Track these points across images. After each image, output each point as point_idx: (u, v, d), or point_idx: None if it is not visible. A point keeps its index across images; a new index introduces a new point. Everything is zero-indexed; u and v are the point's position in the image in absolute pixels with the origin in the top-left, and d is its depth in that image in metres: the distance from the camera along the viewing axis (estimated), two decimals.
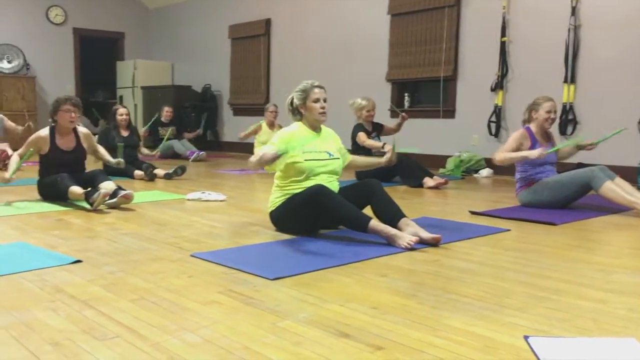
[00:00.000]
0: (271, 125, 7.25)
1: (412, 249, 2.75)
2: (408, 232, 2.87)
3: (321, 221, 3.10)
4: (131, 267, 2.44)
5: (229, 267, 2.44)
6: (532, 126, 4.21)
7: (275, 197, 3.27)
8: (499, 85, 6.59)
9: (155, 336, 1.66)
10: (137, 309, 1.90)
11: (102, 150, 4.75)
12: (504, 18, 6.51)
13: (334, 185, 3.22)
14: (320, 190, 2.97)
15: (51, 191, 4.19)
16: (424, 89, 7.61)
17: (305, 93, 3.23)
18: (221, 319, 1.82)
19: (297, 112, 3.29)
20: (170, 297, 2.03)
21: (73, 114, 4.28)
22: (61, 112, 4.25)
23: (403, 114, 5.78)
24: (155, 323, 1.77)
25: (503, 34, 6.52)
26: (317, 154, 3.22)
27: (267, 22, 9.22)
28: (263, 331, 1.71)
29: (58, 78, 10.54)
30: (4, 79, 9.82)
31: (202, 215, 3.78)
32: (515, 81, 6.51)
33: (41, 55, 10.38)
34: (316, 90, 3.22)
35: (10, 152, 6.68)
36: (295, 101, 3.27)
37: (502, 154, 4.15)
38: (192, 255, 2.64)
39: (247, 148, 8.02)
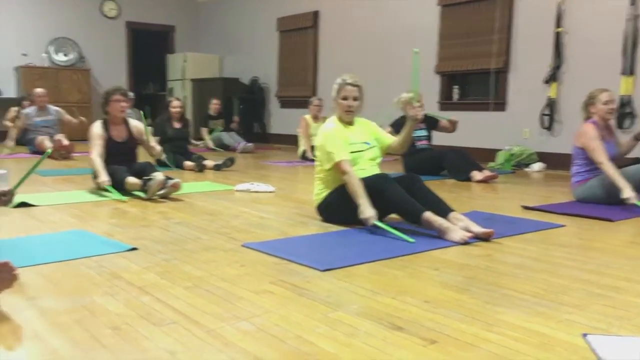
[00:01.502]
0: (315, 119, 7.26)
1: (464, 243, 2.71)
2: (459, 226, 2.83)
3: (376, 209, 3.09)
4: (185, 255, 2.49)
5: (279, 257, 2.46)
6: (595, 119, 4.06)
7: (319, 190, 3.29)
8: (552, 78, 6.41)
9: (210, 323, 1.69)
10: (192, 296, 1.94)
11: (152, 141, 4.79)
12: (559, 8, 6.32)
13: (375, 170, 3.25)
14: (380, 177, 2.99)
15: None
16: (473, 81, 7.48)
17: (338, 88, 3.24)
18: (273, 308, 1.84)
19: (334, 103, 3.31)
20: (224, 285, 2.07)
21: (123, 104, 4.41)
22: (112, 102, 4.38)
23: (451, 118, 5.67)
24: (210, 310, 1.80)
25: (558, 25, 6.34)
26: (358, 146, 3.24)
27: (315, 15, 9.22)
28: (315, 321, 1.72)
29: (111, 71, 10.82)
30: (61, 71, 10.14)
31: (251, 206, 3.82)
32: (570, 73, 6.32)
33: (95, 49, 10.67)
34: (347, 87, 3.20)
35: (65, 142, 6.93)
36: (332, 93, 3.29)
37: (607, 164, 3.84)
38: (243, 245, 2.68)
39: (293, 140, 8.06)
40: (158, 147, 4.71)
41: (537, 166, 6.27)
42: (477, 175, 5.13)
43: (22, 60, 9.91)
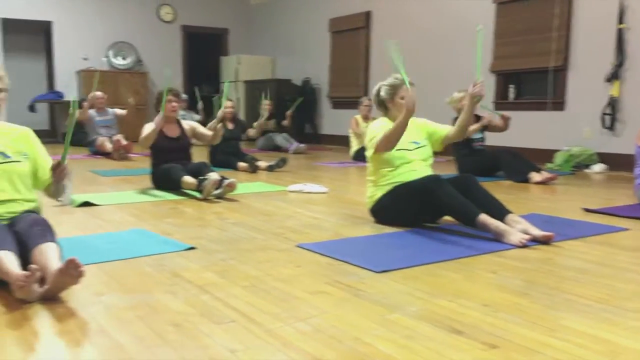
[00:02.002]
0: (366, 119, 7.24)
1: (522, 246, 2.65)
2: (517, 229, 2.77)
3: (427, 212, 3.07)
4: (241, 255, 2.53)
5: (334, 258, 2.46)
6: None
7: (372, 192, 3.28)
8: (614, 76, 6.18)
9: (268, 323, 1.71)
10: (250, 295, 1.97)
11: (202, 129, 4.87)
12: (621, 4, 6.09)
13: (427, 171, 3.22)
14: (432, 178, 2.96)
15: (164, 181, 4.41)
16: (530, 80, 7.29)
17: (394, 89, 3.23)
18: (330, 309, 1.84)
19: (382, 105, 3.29)
20: (280, 285, 2.09)
21: (174, 104, 4.53)
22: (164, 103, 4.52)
23: (503, 114, 5.54)
24: (268, 310, 1.82)
25: (620, 21, 6.11)
26: (406, 144, 3.21)
27: (367, 15, 9.20)
28: (372, 323, 1.72)
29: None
30: (119, 74, 10.46)
31: (304, 206, 3.84)
32: (633, 71, 6.08)
33: (152, 52, 10.96)
34: (405, 87, 3.17)
35: (124, 142, 7.14)
36: (383, 94, 3.26)
37: None
38: (297, 246, 2.69)
39: (344, 141, 8.06)
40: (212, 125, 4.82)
41: (598, 167, 6.07)
42: (535, 176, 5.00)
43: (83, 64, 10.28)
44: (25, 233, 2.13)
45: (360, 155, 6.85)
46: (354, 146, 7.21)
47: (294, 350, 1.52)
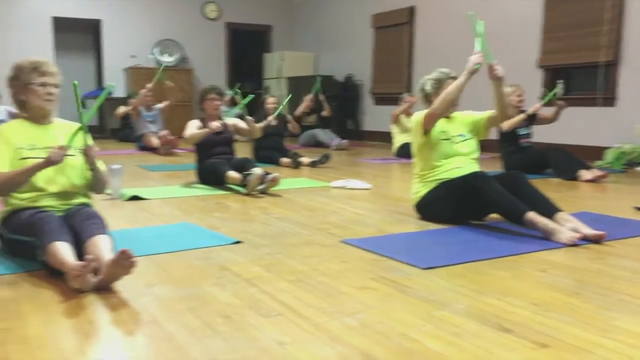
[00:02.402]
0: (407, 115, 7.19)
1: (572, 245, 2.59)
2: (567, 228, 2.71)
3: (473, 209, 3.03)
4: (286, 249, 2.55)
5: (379, 254, 2.46)
6: None
7: (417, 188, 3.27)
8: None
9: (315, 317, 1.73)
10: (296, 289, 1.99)
11: (243, 124, 4.92)
12: None
13: (473, 167, 3.18)
14: (478, 175, 2.93)
15: (209, 176, 4.49)
16: (579, 75, 7.10)
17: (439, 83, 3.22)
18: (376, 304, 1.85)
19: (427, 99, 3.27)
20: (326, 280, 2.10)
21: (217, 102, 4.63)
22: (207, 100, 4.64)
23: (560, 102, 5.43)
24: (314, 304, 1.83)
25: None
26: (454, 136, 3.21)
27: (411, 10, 9.12)
28: (419, 319, 1.71)
29: (211, 70, 11.24)
30: (165, 71, 10.63)
31: (347, 202, 3.85)
32: None
33: (197, 49, 11.14)
34: (450, 81, 3.17)
35: (170, 137, 7.28)
36: (428, 88, 3.25)
37: None
38: (342, 241, 2.70)
39: (386, 137, 8.02)
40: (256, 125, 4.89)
41: None
42: (585, 174, 4.87)
43: (131, 61, 10.52)
44: (80, 225, 2.21)
45: (403, 152, 6.82)
46: (397, 142, 7.17)
47: (341, 344, 1.53)
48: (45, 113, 2.45)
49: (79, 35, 11.16)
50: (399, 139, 7.15)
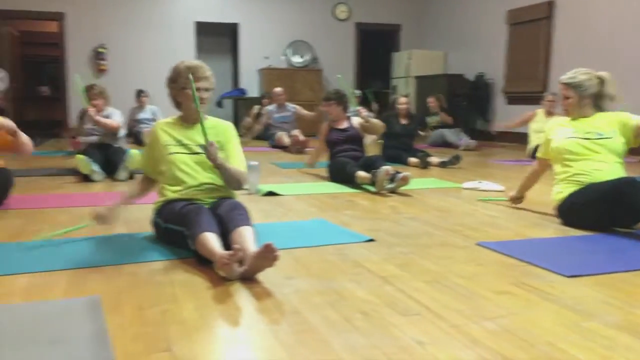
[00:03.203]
0: (549, 114, 6.84)
1: None
2: None
3: (621, 217, 2.83)
4: (420, 249, 2.54)
5: (517, 259, 2.37)
6: None
7: (560, 189, 3.13)
8: None
9: (453, 319, 1.70)
10: (433, 290, 1.97)
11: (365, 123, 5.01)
12: None
13: (616, 169, 3.01)
14: (628, 180, 2.75)
15: (339, 174, 4.58)
16: None
17: (603, 84, 3.17)
18: (518, 310, 1.79)
19: (587, 98, 3.20)
20: (462, 282, 2.06)
21: (335, 107, 4.84)
22: (326, 106, 4.79)
23: None
24: (452, 306, 1.81)
25: None
26: (582, 133, 3.11)
27: (550, 5, 8.66)
28: (566, 329, 1.63)
29: (340, 70, 11.42)
30: (296, 72, 11.00)
31: (480, 204, 3.74)
32: None
33: (327, 49, 11.37)
34: (559, 85, 3.19)
35: (301, 137, 7.50)
36: (593, 89, 3.19)
37: None
38: (478, 244, 2.64)
39: (519, 138, 7.70)
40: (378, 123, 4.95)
41: None
42: None
43: (264, 62, 10.97)
44: (226, 216, 2.35)
45: None
46: (532, 143, 6.85)
47: (483, 348, 1.50)
48: (197, 114, 2.63)
49: (218, 39, 11.83)
50: (534, 139, 6.83)
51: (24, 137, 3.19)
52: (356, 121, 4.92)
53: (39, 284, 2.02)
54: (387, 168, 4.08)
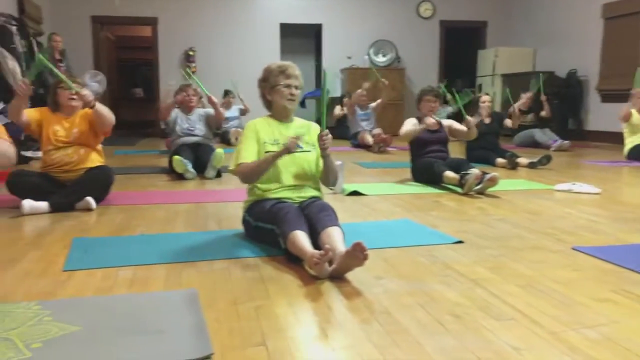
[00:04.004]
0: None
1: None
2: None
3: None
4: (511, 252, 2.47)
5: (618, 265, 2.26)
6: None
7: None
8: None
9: (550, 325, 1.65)
10: (527, 295, 1.91)
11: (458, 125, 4.87)
12: None
13: None
14: None
15: (425, 174, 4.52)
16: None
17: None
18: (620, 319, 1.70)
19: None
20: (559, 288, 1.99)
21: (432, 104, 4.64)
22: (423, 102, 4.66)
23: None
24: (549, 312, 1.75)
25: None
26: None
27: None
28: None
29: (423, 68, 11.27)
30: (378, 71, 10.94)
31: (574, 207, 3.59)
32: None
33: (409, 48, 11.25)
34: None
35: (383, 135, 7.47)
36: None
37: None
38: (573, 248, 2.53)
39: (615, 138, 7.30)
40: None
41: None
42: None
43: (347, 62, 11.00)
44: (314, 216, 2.38)
45: (636, 154, 6.16)
46: (628, 144, 6.49)
47: (583, 356, 1.44)
48: (288, 112, 2.69)
49: (301, 39, 11.98)
50: (630, 140, 6.46)
51: (104, 109, 3.53)
52: (446, 123, 4.82)
53: (141, 276, 2.13)
54: (477, 172, 3.99)
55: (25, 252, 2.47)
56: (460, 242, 2.65)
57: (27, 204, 3.26)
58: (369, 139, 7.58)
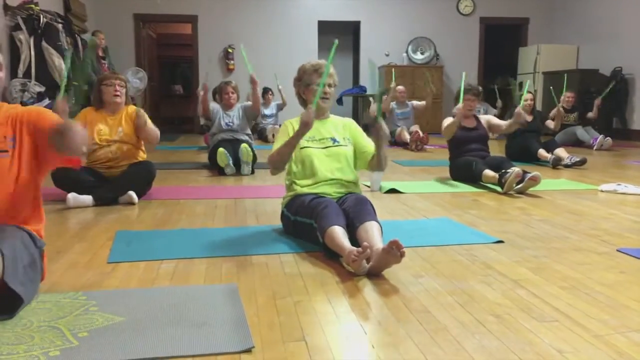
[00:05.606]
0: None
1: None
2: None
3: None
4: (554, 254, 2.42)
5: None
6: None
7: None
8: None
9: (595, 328, 1.61)
10: (570, 297, 1.87)
11: (497, 121, 4.82)
12: None
13: None
14: None
15: (463, 173, 4.46)
16: None
17: None
18: None
19: None
20: (604, 290, 1.94)
21: (472, 103, 4.57)
22: (463, 100, 4.57)
23: None
24: (593, 315, 1.71)
25: None
26: None
27: None
28: None
29: (462, 66, 11.08)
30: (416, 69, 10.86)
31: (619, 208, 3.50)
32: None
33: (448, 46, 11.11)
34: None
35: (421, 133, 7.41)
36: None
37: None
38: (618, 250, 2.47)
39: None
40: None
41: None
42: None
43: (385, 60, 10.94)
44: (352, 211, 2.38)
45: None
46: None
47: None
48: (323, 110, 2.69)
49: (339, 37, 11.92)
50: None
51: (152, 129, 3.64)
52: (484, 119, 4.76)
53: (182, 269, 2.17)
54: (518, 171, 3.92)
55: (72, 244, 2.54)
56: (500, 242, 2.61)
57: (72, 197, 3.35)
58: (407, 137, 7.53)
